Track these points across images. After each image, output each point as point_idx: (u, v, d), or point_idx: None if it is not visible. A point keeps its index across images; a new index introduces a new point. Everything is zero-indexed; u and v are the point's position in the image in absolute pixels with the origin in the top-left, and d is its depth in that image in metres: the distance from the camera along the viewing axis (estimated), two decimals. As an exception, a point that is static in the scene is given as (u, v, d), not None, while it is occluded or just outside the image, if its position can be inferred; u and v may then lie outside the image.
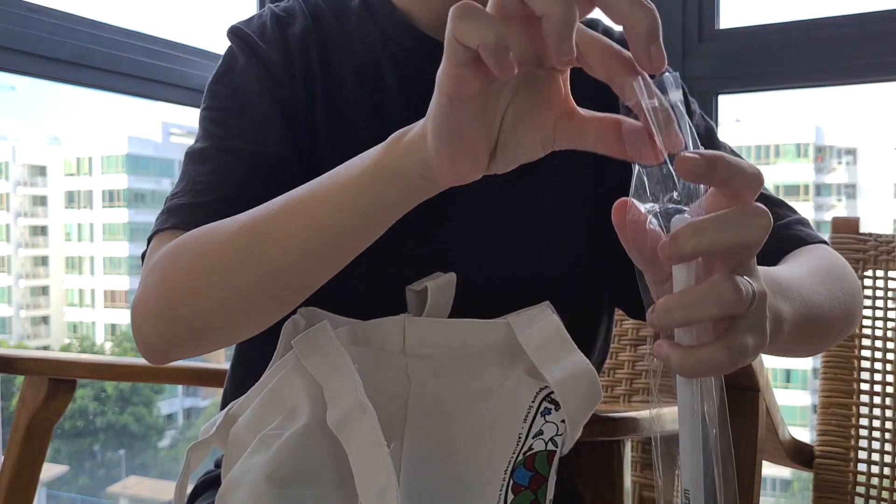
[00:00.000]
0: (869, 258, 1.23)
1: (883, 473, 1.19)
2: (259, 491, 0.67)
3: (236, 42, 0.86)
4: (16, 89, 2.07)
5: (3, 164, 7.25)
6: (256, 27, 0.87)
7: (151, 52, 1.65)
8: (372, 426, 0.65)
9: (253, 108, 0.83)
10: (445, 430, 0.73)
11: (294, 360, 0.71)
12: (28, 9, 1.43)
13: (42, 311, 7.16)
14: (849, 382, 1.22)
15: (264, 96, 0.83)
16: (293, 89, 0.84)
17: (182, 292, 0.70)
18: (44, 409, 1.23)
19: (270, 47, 0.85)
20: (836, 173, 5.57)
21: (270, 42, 0.85)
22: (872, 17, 1.58)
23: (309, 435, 0.68)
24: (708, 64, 1.66)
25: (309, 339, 0.72)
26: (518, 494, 0.69)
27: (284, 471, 0.67)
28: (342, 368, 0.68)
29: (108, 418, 5.56)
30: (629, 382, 1.26)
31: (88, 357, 1.33)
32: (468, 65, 0.52)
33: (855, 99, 5.66)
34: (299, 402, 0.69)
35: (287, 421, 0.70)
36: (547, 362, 0.70)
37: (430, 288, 0.77)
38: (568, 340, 0.72)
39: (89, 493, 5.75)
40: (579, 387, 0.69)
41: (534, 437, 0.71)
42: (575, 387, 0.69)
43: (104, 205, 7.27)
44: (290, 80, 0.84)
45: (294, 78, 0.84)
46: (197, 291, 0.69)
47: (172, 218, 0.76)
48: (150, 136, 7.49)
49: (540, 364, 0.70)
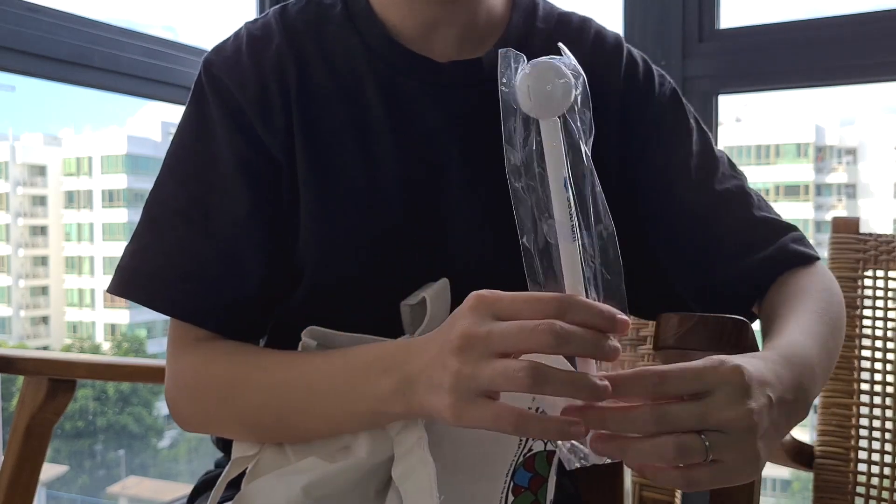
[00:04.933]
0: (869, 258, 1.23)
1: (883, 473, 1.18)
2: (294, 499, 0.68)
3: (208, 84, 0.84)
4: (15, 89, 2.08)
5: (2, 164, 7.25)
6: (231, 56, 0.85)
7: (151, 52, 1.65)
8: (430, 480, 0.67)
9: (217, 172, 0.82)
10: (448, 435, 0.73)
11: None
12: (27, 8, 1.43)
13: (42, 312, 7.15)
14: (849, 382, 1.21)
15: (230, 155, 0.82)
16: (267, 125, 0.82)
17: (211, 425, 0.84)
18: (43, 410, 1.23)
19: (244, 80, 0.83)
20: (836, 173, 5.57)
21: (246, 72, 0.83)
22: (872, 17, 1.58)
23: (359, 469, 0.70)
24: (708, 64, 1.66)
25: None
26: (518, 496, 0.70)
27: (324, 490, 0.69)
28: (411, 424, 0.70)
29: (108, 418, 5.55)
30: (629, 382, 1.26)
31: (88, 357, 1.33)
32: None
33: (855, 99, 5.65)
34: (357, 441, 0.72)
35: (339, 453, 0.72)
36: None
37: (429, 297, 0.77)
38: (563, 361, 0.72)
39: (89, 493, 5.74)
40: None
41: (533, 439, 0.71)
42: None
43: (104, 205, 7.26)
44: (263, 116, 0.82)
45: (269, 110, 0.82)
46: (225, 429, 0.83)
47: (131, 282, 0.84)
48: (150, 136, 7.48)
49: None
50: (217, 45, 0.87)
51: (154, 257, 0.83)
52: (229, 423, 0.81)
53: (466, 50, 0.86)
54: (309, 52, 0.85)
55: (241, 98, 0.83)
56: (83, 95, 2.90)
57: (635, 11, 1.69)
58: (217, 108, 0.83)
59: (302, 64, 0.84)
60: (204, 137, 0.84)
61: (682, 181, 0.88)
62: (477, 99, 0.85)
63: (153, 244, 0.83)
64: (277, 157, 0.83)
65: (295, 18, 0.86)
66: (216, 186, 0.82)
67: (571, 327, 0.58)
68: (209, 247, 0.81)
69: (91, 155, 7.51)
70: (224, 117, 0.83)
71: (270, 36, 0.85)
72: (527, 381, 0.57)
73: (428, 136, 0.84)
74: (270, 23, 0.86)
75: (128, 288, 0.84)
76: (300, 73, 0.84)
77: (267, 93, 0.83)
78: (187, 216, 0.82)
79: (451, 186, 0.84)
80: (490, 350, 0.59)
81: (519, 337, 0.58)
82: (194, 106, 0.85)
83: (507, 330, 0.59)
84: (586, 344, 0.58)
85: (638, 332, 1.27)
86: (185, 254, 0.82)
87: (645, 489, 1.22)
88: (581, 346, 0.58)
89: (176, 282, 0.82)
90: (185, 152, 0.85)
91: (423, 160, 0.84)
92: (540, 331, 0.57)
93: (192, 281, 0.81)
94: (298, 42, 0.85)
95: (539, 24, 0.90)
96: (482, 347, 0.60)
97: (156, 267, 0.83)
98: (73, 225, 7.38)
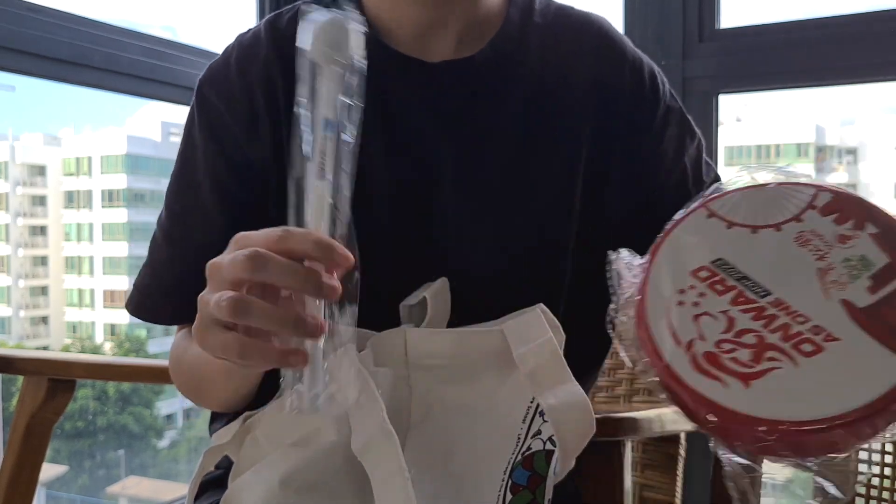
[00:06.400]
0: (869, 258, 1.23)
1: (883, 474, 1.18)
2: (271, 495, 0.67)
3: (197, 104, 0.87)
4: (15, 89, 2.09)
5: (2, 164, 7.25)
6: (220, 71, 0.87)
7: (151, 52, 1.65)
8: (395, 452, 0.66)
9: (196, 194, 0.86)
10: (447, 435, 0.73)
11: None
12: (27, 8, 1.43)
13: (41, 312, 7.15)
14: (849, 382, 1.21)
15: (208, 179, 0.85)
16: (254, 138, 0.84)
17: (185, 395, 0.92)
18: (43, 410, 1.23)
19: (232, 95, 0.85)
20: (837, 173, 5.57)
21: (233, 86, 0.85)
22: (873, 17, 1.58)
23: (334, 453, 0.69)
24: (708, 63, 1.66)
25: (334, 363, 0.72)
26: (516, 494, 0.70)
27: (300, 480, 0.68)
28: (365, 393, 0.69)
29: (108, 418, 5.55)
30: (630, 383, 1.26)
31: (88, 357, 1.34)
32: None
33: (856, 99, 5.65)
34: (325, 423, 0.71)
35: (311, 438, 0.71)
36: (541, 388, 0.71)
37: (429, 296, 0.77)
38: (563, 366, 0.72)
39: (89, 493, 5.74)
40: (573, 414, 0.70)
41: (532, 437, 0.71)
42: (568, 414, 0.70)
43: (103, 205, 7.26)
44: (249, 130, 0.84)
45: (256, 123, 0.84)
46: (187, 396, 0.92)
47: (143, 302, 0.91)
48: (150, 136, 7.48)
49: (534, 389, 0.71)
50: (211, 62, 0.89)
51: (145, 273, 0.91)
52: (185, 392, 0.91)
53: (462, 49, 0.86)
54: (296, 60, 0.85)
55: (228, 114, 0.84)
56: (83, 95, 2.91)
57: (635, 11, 1.69)
58: (202, 129, 0.86)
59: (289, 72, 0.84)
60: (188, 160, 0.87)
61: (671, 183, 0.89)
62: (468, 98, 0.85)
63: (148, 263, 0.91)
64: (265, 170, 0.83)
65: (285, 27, 0.86)
66: (194, 208, 0.86)
67: (269, 254, 0.58)
68: (186, 264, 0.85)
69: (91, 155, 7.51)
70: (208, 140, 0.85)
71: (259, 46, 0.86)
72: (227, 309, 0.57)
73: (419, 138, 0.84)
74: (260, 32, 0.87)
75: (127, 301, 0.92)
76: (287, 81, 0.84)
77: (254, 105, 0.84)
78: (170, 236, 0.88)
79: (443, 187, 0.84)
80: (220, 279, 0.60)
81: (230, 266, 0.59)
82: (186, 126, 0.88)
83: (225, 259, 0.60)
84: (285, 272, 0.58)
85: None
86: (167, 271, 0.88)
87: (645, 489, 1.22)
88: (279, 275, 0.58)
89: (159, 296, 0.89)
90: (175, 172, 0.89)
91: (414, 163, 0.84)
92: (241, 258, 0.58)
93: (173, 296, 0.87)
94: (287, 50, 0.85)
95: (536, 18, 0.89)
96: (218, 277, 0.61)
97: (146, 283, 0.90)
98: (73, 225, 7.38)
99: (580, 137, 0.87)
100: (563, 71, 0.88)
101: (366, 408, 0.68)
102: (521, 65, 0.87)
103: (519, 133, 0.85)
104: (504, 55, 0.87)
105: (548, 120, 0.86)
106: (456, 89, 0.85)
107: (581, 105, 0.87)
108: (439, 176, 0.84)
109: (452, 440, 0.73)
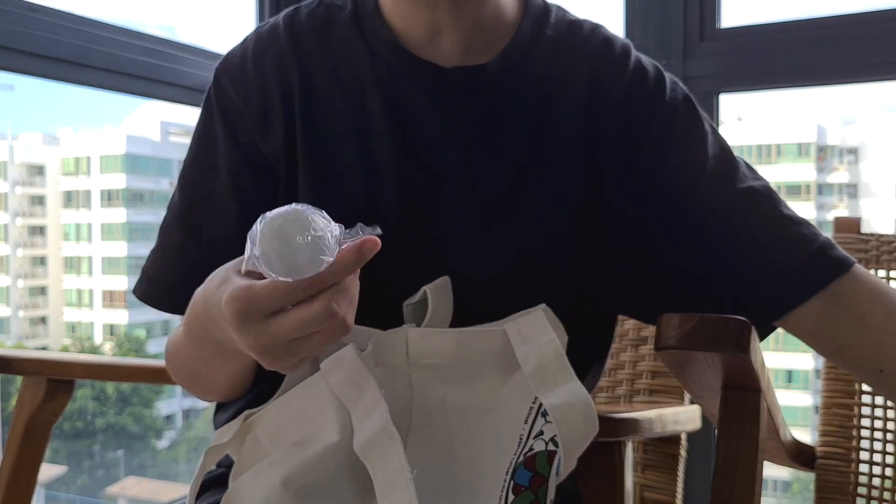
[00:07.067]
0: (871, 258, 1.23)
1: (885, 474, 1.18)
2: (272, 495, 0.67)
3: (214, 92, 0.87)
4: (14, 88, 2.09)
5: (1, 164, 7.24)
6: (237, 62, 0.87)
7: (151, 52, 1.64)
8: (397, 452, 0.66)
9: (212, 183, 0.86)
10: (448, 435, 0.73)
11: (322, 382, 0.72)
12: (27, 8, 1.42)
13: (40, 312, 7.15)
14: (850, 383, 1.21)
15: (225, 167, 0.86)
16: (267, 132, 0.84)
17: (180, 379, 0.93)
18: (42, 410, 1.23)
19: (247, 86, 0.85)
20: (837, 173, 5.57)
21: (249, 78, 0.85)
22: (873, 17, 1.58)
23: (336, 453, 0.69)
24: (709, 63, 1.65)
25: (335, 362, 0.72)
26: (518, 495, 0.69)
27: (302, 481, 0.68)
28: (368, 392, 0.69)
29: (107, 419, 5.55)
30: (630, 383, 1.26)
31: (87, 357, 1.33)
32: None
33: (857, 98, 5.66)
34: (327, 423, 0.71)
35: (314, 438, 0.71)
36: (544, 387, 0.70)
37: (430, 291, 0.77)
38: (566, 366, 0.72)
39: (88, 493, 5.75)
40: (575, 414, 0.69)
41: (534, 438, 0.71)
42: (571, 413, 0.69)
43: (102, 205, 7.26)
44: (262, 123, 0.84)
45: (269, 116, 0.84)
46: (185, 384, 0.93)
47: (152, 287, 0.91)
48: (149, 136, 7.48)
49: (537, 388, 0.70)
50: (229, 51, 0.89)
51: (156, 260, 0.90)
52: (181, 381, 0.92)
53: (472, 55, 0.86)
54: (313, 57, 0.86)
55: (242, 106, 0.85)
56: (82, 95, 2.91)
57: (636, 11, 1.69)
58: (220, 118, 0.86)
59: (305, 68, 0.85)
60: (206, 147, 0.87)
61: (701, 183, 0.86)
62: (478, 105, 0.85)
63: (158, 248, 0.90)
64: (276, 164, 0.84)
65: (304, 21, 0.87)
66: (210, 196, 0.86)
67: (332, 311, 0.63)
68: (199, 253, 0.86)
69: (90, 155, 7.51)
70: (225, 128, 0.85)
71: (276, 39, 0.86)
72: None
73: (428, 142, 0.84)
74: (278, 26, 0.87)
75: (136, 286, 0.92)
76: (303, 77, 0.85)
77: (268, 98, 0.84)
78: (184, 223, 0.88)
79: (450, 192, 0.84)
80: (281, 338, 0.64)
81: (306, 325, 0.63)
82: (203, 113, 0.88)
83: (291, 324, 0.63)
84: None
85: (639, 332, 1.27)
86: (179, 258, 0.87)
87: (645, 489, 1.21)
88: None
89: (169, 284, 0.88)
90: (190, 159, 0.89)
91: (422, 166, 0.84)
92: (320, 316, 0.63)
93: (184, 283, 0.83)
94: (303, 46, 0.86)
95: (549, 31, 0.89)
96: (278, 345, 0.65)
97: (156, 269, 0.90)
98: (72, 225, 7.39)
99: (580, 143, 0.86)
100: (565, 79, 0.88)
101: (368, 407, 0.68)
102: (528, 76, 0.87)
103: (524, 141, 0.85)
104: (512, 67, 0.87)
105: (551, 129, 0.86)
106: (467, 95, 0.85)
107: (580, 110, 0.87)
108: (446, 179, 0.84)
109: (454, 440, 0.73)
